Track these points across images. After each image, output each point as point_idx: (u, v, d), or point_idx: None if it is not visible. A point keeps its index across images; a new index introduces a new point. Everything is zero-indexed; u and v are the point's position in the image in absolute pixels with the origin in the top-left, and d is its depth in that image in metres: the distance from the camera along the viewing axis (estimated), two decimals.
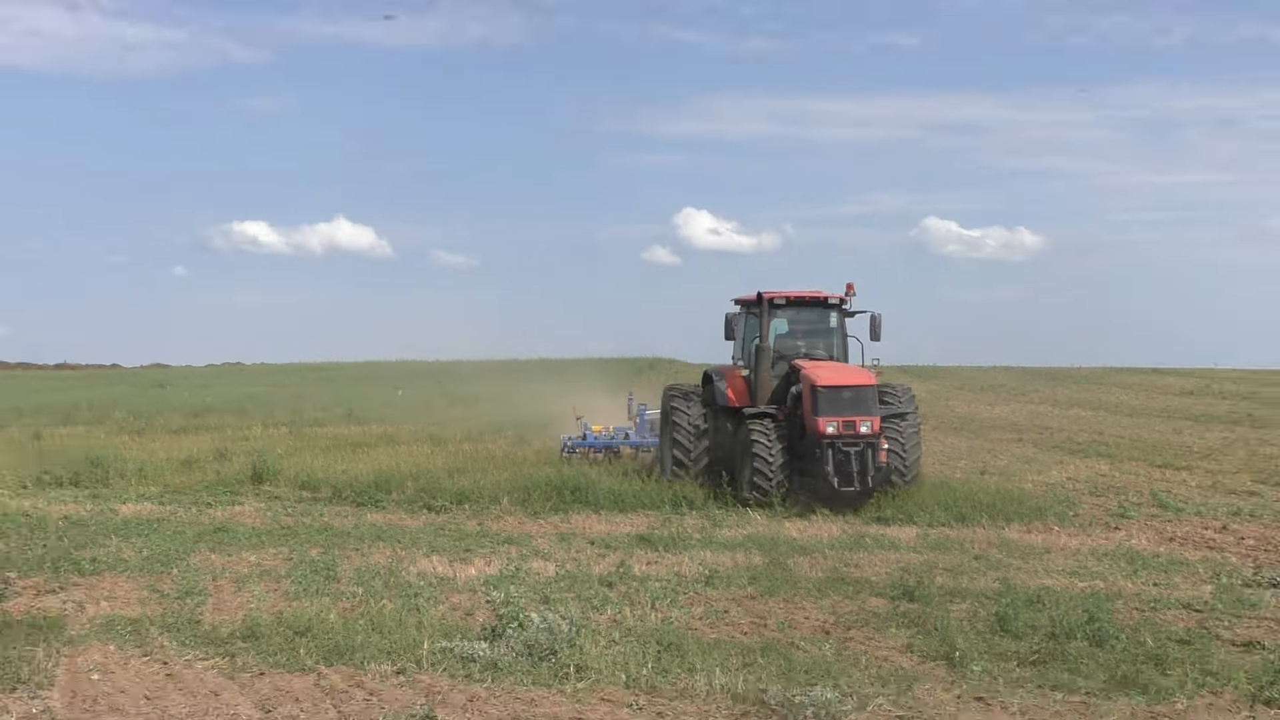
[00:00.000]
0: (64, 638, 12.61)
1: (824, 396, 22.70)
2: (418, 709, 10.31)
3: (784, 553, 17.81)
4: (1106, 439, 35.12)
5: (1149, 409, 48.64)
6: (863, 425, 22.54)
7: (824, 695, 10.49)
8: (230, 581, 15.69)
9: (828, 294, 25.25)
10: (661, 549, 18.33)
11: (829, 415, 22.53)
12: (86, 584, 15.41)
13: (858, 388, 22.98)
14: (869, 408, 22.79)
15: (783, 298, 24.96)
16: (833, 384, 22.92)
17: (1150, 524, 20.91)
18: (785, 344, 25.20)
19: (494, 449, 30.29)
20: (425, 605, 14.18)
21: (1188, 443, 34.74)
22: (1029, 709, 10.52)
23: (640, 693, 10.90)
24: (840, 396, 22.71)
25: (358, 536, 19.39)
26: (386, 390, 59.48)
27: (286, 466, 26.84)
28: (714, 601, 14.82)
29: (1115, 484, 25.43)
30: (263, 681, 11.29)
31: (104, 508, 22.29)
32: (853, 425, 22.50)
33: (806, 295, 25.29)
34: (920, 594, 14.96)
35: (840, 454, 22.33)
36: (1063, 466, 28.79)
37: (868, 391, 22.98)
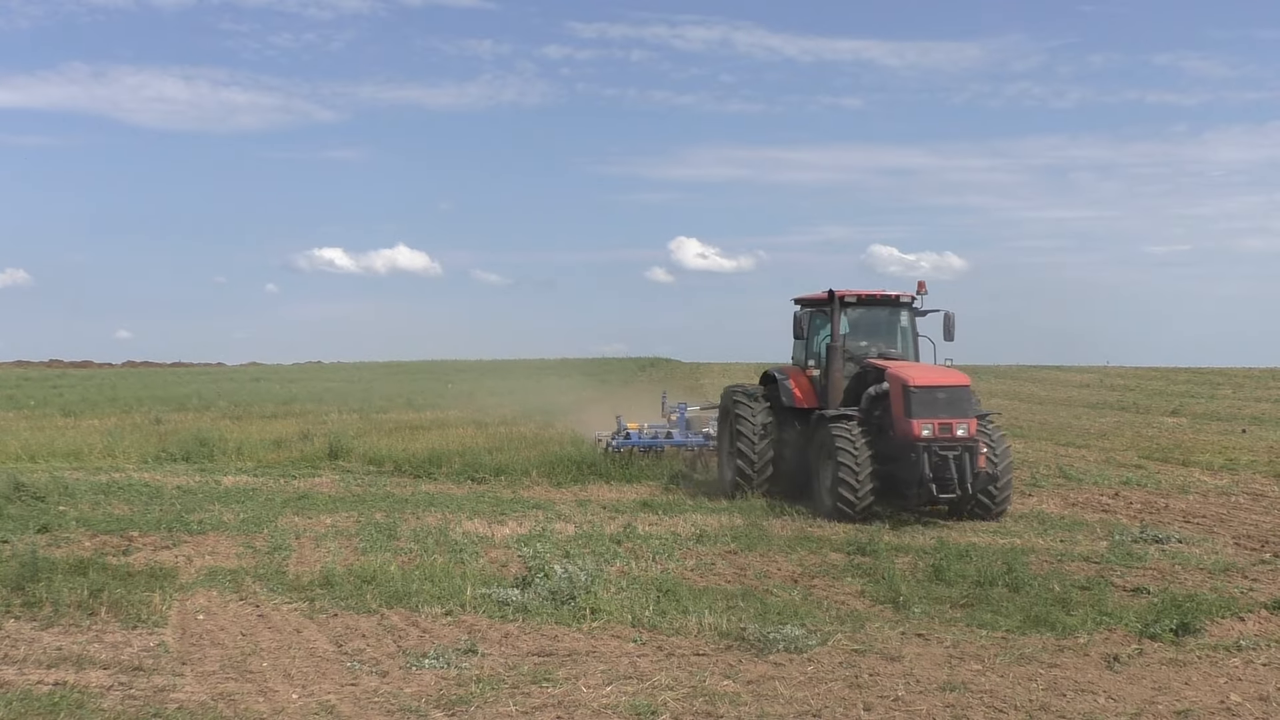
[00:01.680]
0: (176, 585, 12.61)
1: (917, 398, 17.98)
2: (462, 643, 10.31)
3: (760, 516, 17.81)
4: (1020, 423, 35.07)
5: (1054, 399, 48.64)
6: (959, 428, 17.94)
7: (792, 632, 10.49)
8: (310, 540, 15.69)
9: (899, 292, 20.71)
10: (661, 513, 18.33)
11: (923, 418, 17.82)
12: (194, 541, 15.41)
13: (953, 388, 18.39)
14: (965, 409, 18.20)
15: (854, 296, 20.33)
16: (927, 384, 18.27)
17: (1056, 492, 20.90)
18: (851, 344, 20.35)
19: (525, 431, 30.24)
20: (468, 559, 14.19)
21: (1085, 426, 34.83)
22: (960, 643, 10.51)
23: (643, 630, 10.89)
24: (935, 398, 18.08)
25: (414, 503, 19.37)
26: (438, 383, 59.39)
27: (357, 446, 26.81)
28: (703, 556, 14.81)
29: (1028, 459, 25.34)
30: (336, 621, 11.30)
31: (209, 479, 22.29)
32: (949, 428, 17.89)
33: (878, 294, 20.67)
34: (871, 549, 14.97)
35: (936, 458, 17.70)
36: None
37: (963, 392, 18.46)
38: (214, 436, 28.24)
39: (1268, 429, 32.85)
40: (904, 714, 8.47)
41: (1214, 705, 8.73)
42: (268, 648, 10.30)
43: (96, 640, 10.43)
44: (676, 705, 8.64)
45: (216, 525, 16.72)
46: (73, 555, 14.01)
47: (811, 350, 20.95)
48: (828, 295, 20.11)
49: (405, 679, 9.33)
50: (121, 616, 11.22)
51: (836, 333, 19.92)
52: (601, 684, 9.17)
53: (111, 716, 8.07)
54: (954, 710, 8.52)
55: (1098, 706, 8.67)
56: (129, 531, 15.90)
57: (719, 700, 8.73)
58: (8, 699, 8.48)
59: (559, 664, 9.73)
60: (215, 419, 35.20)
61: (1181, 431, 32.50)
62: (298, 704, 8.68)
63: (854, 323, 20.66)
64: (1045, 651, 10.20)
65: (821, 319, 20.75)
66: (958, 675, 9.45)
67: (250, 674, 9.50)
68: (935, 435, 17.76)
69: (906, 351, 20.53)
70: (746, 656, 10.00)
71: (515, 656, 9.99)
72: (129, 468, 24.27)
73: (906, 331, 20.89)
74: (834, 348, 19.69)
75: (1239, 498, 19.89)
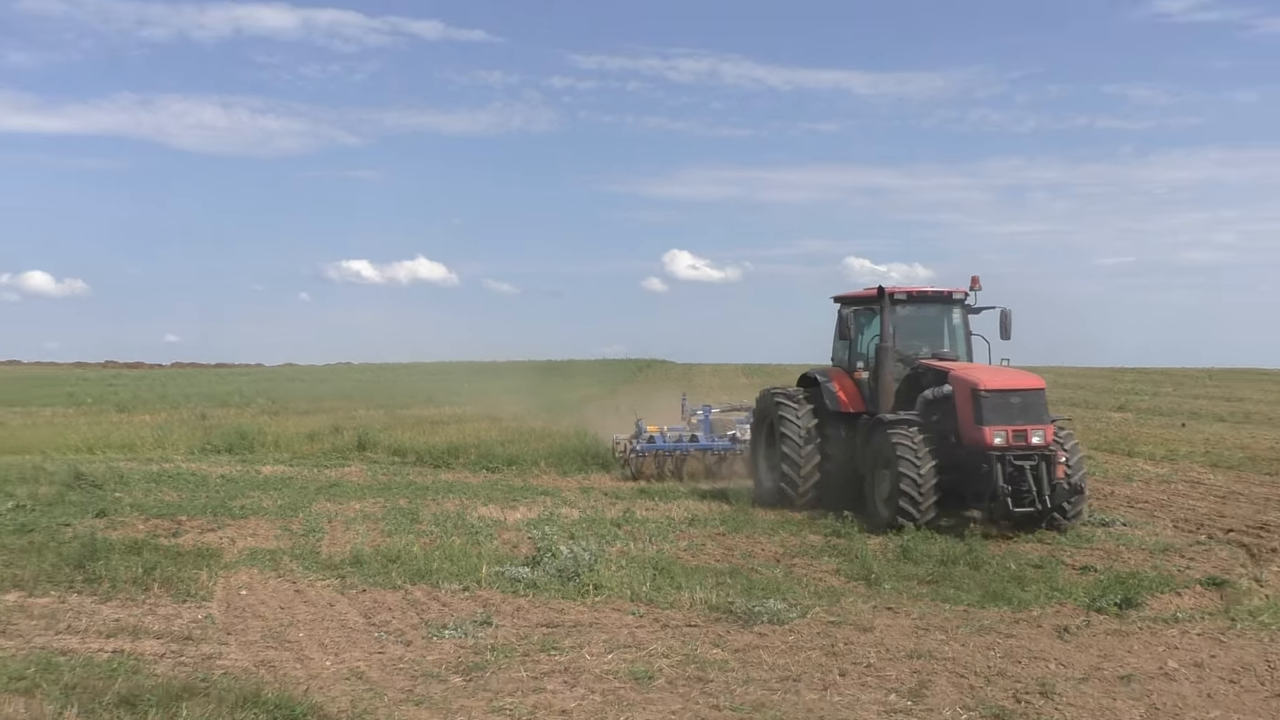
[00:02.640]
0: (220, 564, 12.62)
1: (989, 402, 15.15)
2: (478, 615, 10.33)
3: (745, 503, 17.79)
4: None
5: None
6: (1035, 435, 15.11)
7: (775, 605, 10.51)
8: (341, 523, 15.70)
9: (951, 288, 17.66)
10: (657, 499, 18.34)
11: (996, 424, 15.02)
12: (236, 525, 15.42)
13: (1027, 392, 15.52)
14: (1040, 414, 15.39)
15: (903, 293, 17.27)
16: (999, 388, 15.38)
17: None
18: (900, 343, 17.20)
19: (534, 425, 30.22)
20: (483, 540, 14.20)
21: None
22: (925, 615, 10.53)
23: (641, 604, 10.90)
24: (1008, 402, 15.26)
25: (434, 490, 19.37)
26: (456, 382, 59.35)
27: (382, 439, 26.80)
28: (694, 538, 14.84)
29: None
30: (365, 596, 11.31)
31: (249, 469, 22.29)
32: (1024, 435, 15.05)
33: (929, 290, 17.66)
34: (845, 531, 15.01)
35: (1011, 469, 14.90)
36: None
37: (1037, 396, 15.58)
38: (253, 430, 28.24)
39: (1204, 423, 32.83)
40: (875, 679, 8.49)
41: (1153, 670, 8.76)
42: (303, 620, 10.32)
43: (150, 613, 10.46)
44: (671, 671, 8.66)
45: (256, 510, 16.73)
46: (128, 537, 14.02)
47: (857, 351, 17.98)
48: (877, 292, 17.16)
49: (427, 648, 9.36)
50: (172, 592, 11.24)
51: (887, 332, 16.89)
52: (603, 652, 9.20)
53: (164, 681, 8.09)
54: (920, 676, 8.54)
55: (1049, 672, 8.70)
56: (178, 516, 15.92)
57: (709, 666, 8.76)
58: (72, 665, 8.50)
59: (565, 634, 9.76)
60: (254, 414, 35.19)
61: (1127, 425, 32.45)
62: (331, 670, 8.71)
63: (903, 321, 17.51)
64: (1002, 623, 10.23)
65: (867, 317, 17.90)
66: (924, 644, 9.47)
67: (288, 643, 9.53)
68: (1009, 443, 15.04)
69: (959, 351, 17.62)
70: (734, 627, 10.03)
71: (526, 627, 10.01)
72: (177, 458, 24.28)
73: (959, 330, 17.88)
74: (885, 348, 16.78)
75: (1178, 485, 19.88)
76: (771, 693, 8.12)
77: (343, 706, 7.66)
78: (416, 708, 7.75)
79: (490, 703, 7.86)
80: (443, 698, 7.99)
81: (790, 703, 7.89)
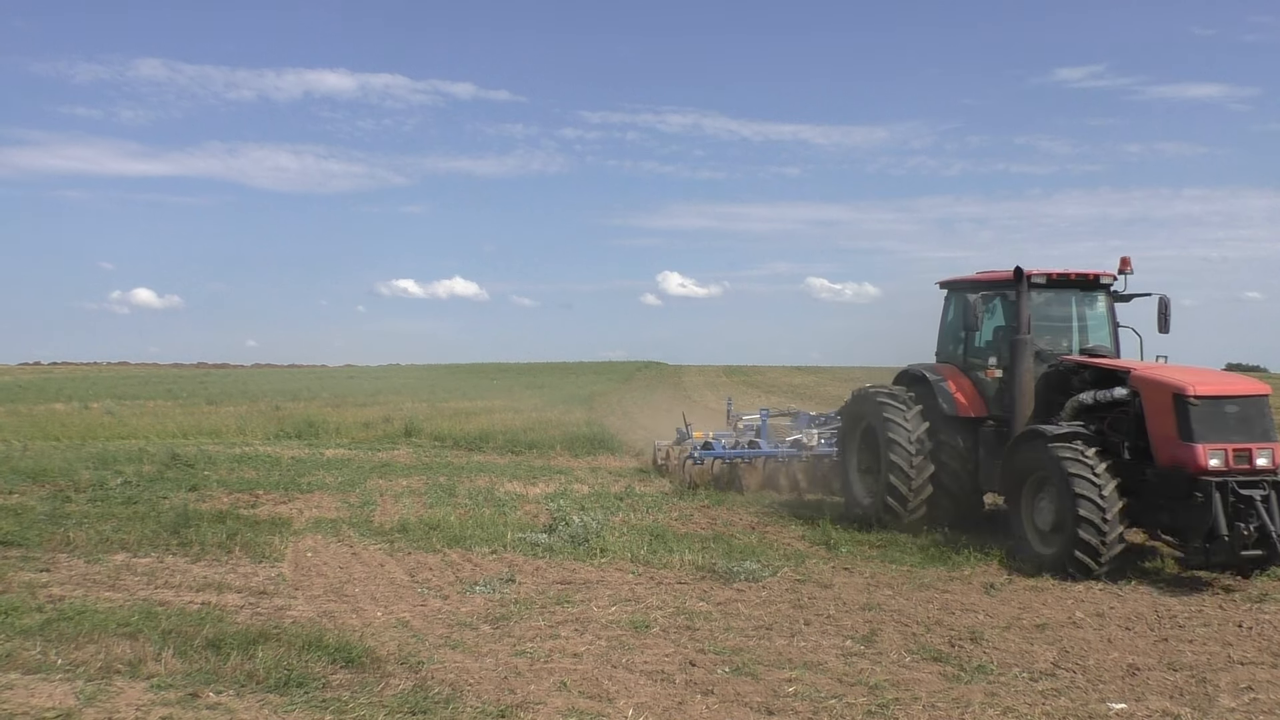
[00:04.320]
0: (290, 531, 12.59)
1: (1201, 412, 10.03)
2: (504, 574, 10.29)
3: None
4: None
5: None
6: (1261, 455, 9.95)
7: (751, 566, 10.49)
8: (390, 497, 15.65)
9: (1098, 271, 12.48)
10: (653, 477, 18.27)
11: (1211, 441, 9.90)
12: (304, 498, 15.38)
13: (1249, 400, 10.28)
14: (1269, 430, 10.13)
15: (1043, 275, 12.10)
16: (1214, 393, 10.19)
17: None
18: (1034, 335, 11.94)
19: (551, 415, 30.20)
20: (509, 511, 14.15)
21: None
22: (875, 574, 10.50)
23: (639, 564, 10.86)
24: (1223, 412, 10.08)
25: (468, 469, 19.31)
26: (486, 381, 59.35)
27: (426, 426, 26.77)
28: (684, 510, 14.78)
29: None
30: (410, 557, 11.27)
31: (315, 452, 22.24)
32: (1248, 456, 9.92)
33: (1072, 274, 12.35)
34: (809, 504, 14.96)
35: (1237, 499, 9.67)
36: None
37: (1262, 405, 10.32)
38: (319, 419, 28.23)
39: None
40: (834, 627, 8.46)
41: (1064, 620, 8.74)
42: (359, 578, 10.29)
43: (232, 571, 10.42)
44: (664, 620, 8.63)
45: (320, 486, 16.67)
46: (214, 508, 13.99)
47: (978, 345, 12.93)
48: (1014, 274, 11.98)
49: (461, 601, 9.32)
50: (250, 554, 11.20)
51: (1024, 322, 11.79)
52: (608, 604, 9.16)
53: (244, 628, 8.06)
54: (871, 625, 8.52)
55: (978, 621, 8.67)
56: (256, 490, 15.87)
57: (695, 617, 8.73)
58: (168, 614, 8.47)
59: (576, 590, 9.72)
60: (320, 407, 35.11)
61: None
62: (381, 620, 8.67)
63: (1043, 308, 12.51)
64: (940, 581, 10.20)
65: (995, 305, 12.82)
66: (874, 598, 9.45)
67: (346, 597, 9.49)
68: (1229, 466, 9.88)
69: (1108, 345, 12.43)
70: (716, 584, 9.99)
71: (544, 584, 9.97)
72: (256, 443, 24.24)
73: (1104, 319, 12.66)
74: (1022, 341, 11.67)
75: None
76: (748, 639, 8.09)
77: (391, 650, 7.63)
78: (452, 651, 7.72)
79: (514, 647, 7.83)
80: (474, 642, 7.96)
81: (764, 647, 7.86)
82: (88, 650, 7.40)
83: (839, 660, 7.55)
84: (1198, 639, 8.22)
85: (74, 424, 27.35)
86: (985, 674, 7.23)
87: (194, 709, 6.39)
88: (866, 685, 6.94)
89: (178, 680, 6.84)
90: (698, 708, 6.52)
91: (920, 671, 7.31)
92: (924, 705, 6.56)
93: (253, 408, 34.33)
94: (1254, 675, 7.24)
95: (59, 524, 12.42)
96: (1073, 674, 7.27)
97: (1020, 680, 7.11)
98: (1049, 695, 6.80)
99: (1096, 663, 7.52)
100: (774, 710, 6.47)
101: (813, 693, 6.76)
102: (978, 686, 6.96)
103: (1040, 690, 6.90)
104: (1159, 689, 6.95)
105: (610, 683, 6.96)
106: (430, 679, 6.95)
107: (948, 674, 7.25)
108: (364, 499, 15.34)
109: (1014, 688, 6.95)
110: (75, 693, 6.59)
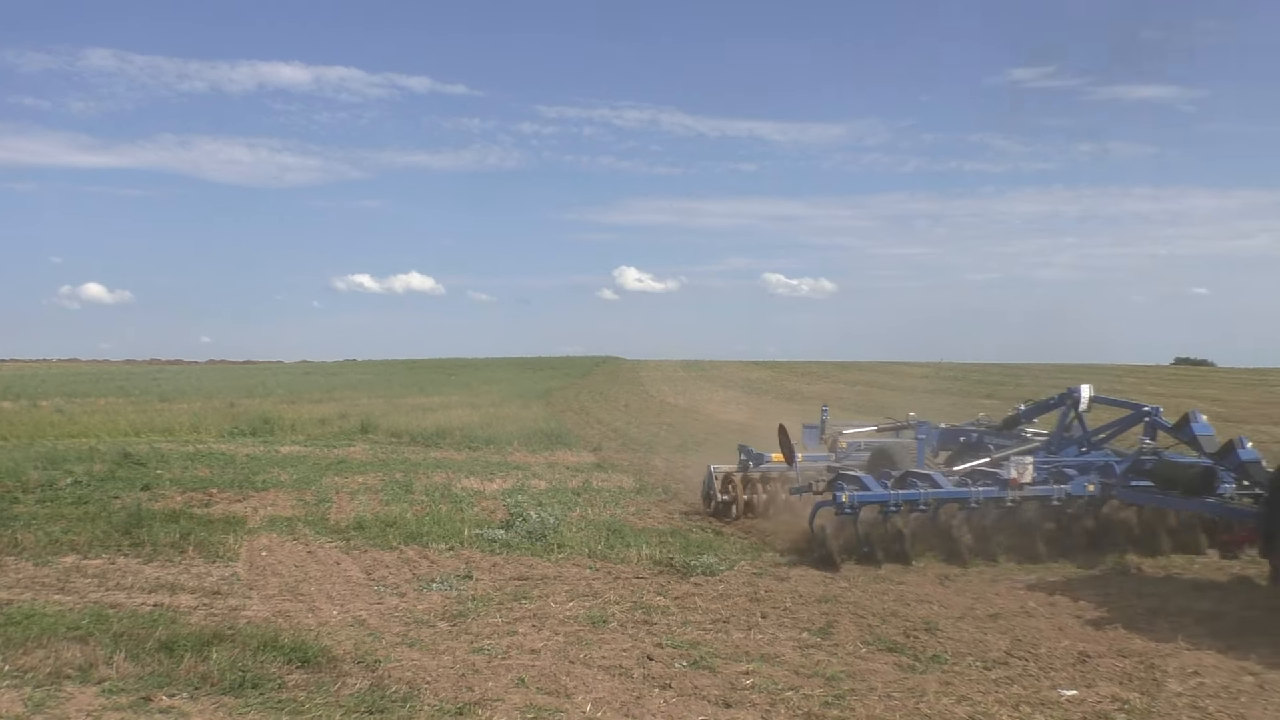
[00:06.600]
0: (245, 529, 12.41)
1: None
2: (461, 571, 10.23)
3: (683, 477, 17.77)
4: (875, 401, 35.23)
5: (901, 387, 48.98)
6: None
7: (708, 560, 10.50)
8: (346, 494, 15.49)
9: None
10: (610, 471, 18.29)
11: None
12: (259, 496, 15.17)
13: None
14: None
15: None
16: None
17: None
18: None
19: (508, 411, 30.08)
20: (466, 508, 14.06)
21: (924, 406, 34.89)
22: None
23: (597, 560, 10.84)
24: None
25: (425, 466, 19.17)
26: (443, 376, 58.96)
27: (382, 423, 26.58)
28: (641, 504, 14.78)
29: None
30: (366, 555, 11.16)
31: (270, 449, 21.97)
32: None
33: None
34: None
35: None
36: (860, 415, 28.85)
37: None
38: (274, 416, 27.91)
39: None
40: (791, 620, 8.49)
41: (1016, 609, 8.83)
42: (314, 576, 10.16)
43: (185, 572, 10.25)
44: (621, 615, 8.61)
45: (276, 484, 16.46)
46: (167, 507, 13.76)
47: None
48: None
49: (418, 598, 9.24)
50: (204, 554, 11.02)
51: None
52: (566, 600, 9.13)
53: (198, 629, 7.93)
54: (828, 617, 8.55)
55: (932, 611, 8.74)
56: (210, 489, 15.63)
57: (653, 611, 8.72)
58: (120, 616, 8.31)
59: (534, 585, 9.67)
60: (275, 403, 34.72)
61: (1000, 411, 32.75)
62: (337, 618, 8.57)
63: None
64: (895, 573, 10.26)
65: None
66: (831, 591, 9.49)
67: (302, 596, 9.37)
68: None
69: None
70: (674, 579, 9.99)
71: (501, 580, 9.91)
72: (210, 440, 23.90)
73: None
74: None
75: None
76: (705, 632, 8.09)
77: (347, 648, 7.54)
78: (409, 648, 7.64)
79: (471, 644, 7.77)
80: (431, 640, 7.89)
81: (721, 640, 7.87)
82: (36, 655, 7.22)
83: (796, 652, 7.57)
84: (1145, 626, 8.35)
85: (22, 423, 26.79)
86: (940, 663, 7.29)
87: (147, 713, 6.27)
88: (823, 676, 6.97)
89: (130, 684, 6.71)
90: (655, 702, 6.51)
91: (876, 662, 7.35)
92: (879, 695, 6.60)
93: (207, 404, 33.83)
94: (1200, 660, 7.36)
95: (6, 526, 12.14)
96: (1025, 662, 7.35)
97: (974, 669, 7.18)
98: (1002, 683, 6.87)
99: (1048, 650, 7.61)
100: (731, 703, 6.47)
101: (770, 685, 6.78)
102: (932, 676, 7.01)
103: (993, 678, 6.97)
104: (1109, 675, 7.05)
105: (568, 678, 6.93)
106: (387, 677, 6.88)
107: (903, 664, 7.30)
108: (320, 496, 15.15)
109: (968, 676, 7.01)
110: (23, 699, 6.43)
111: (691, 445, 23.28)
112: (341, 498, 15.14)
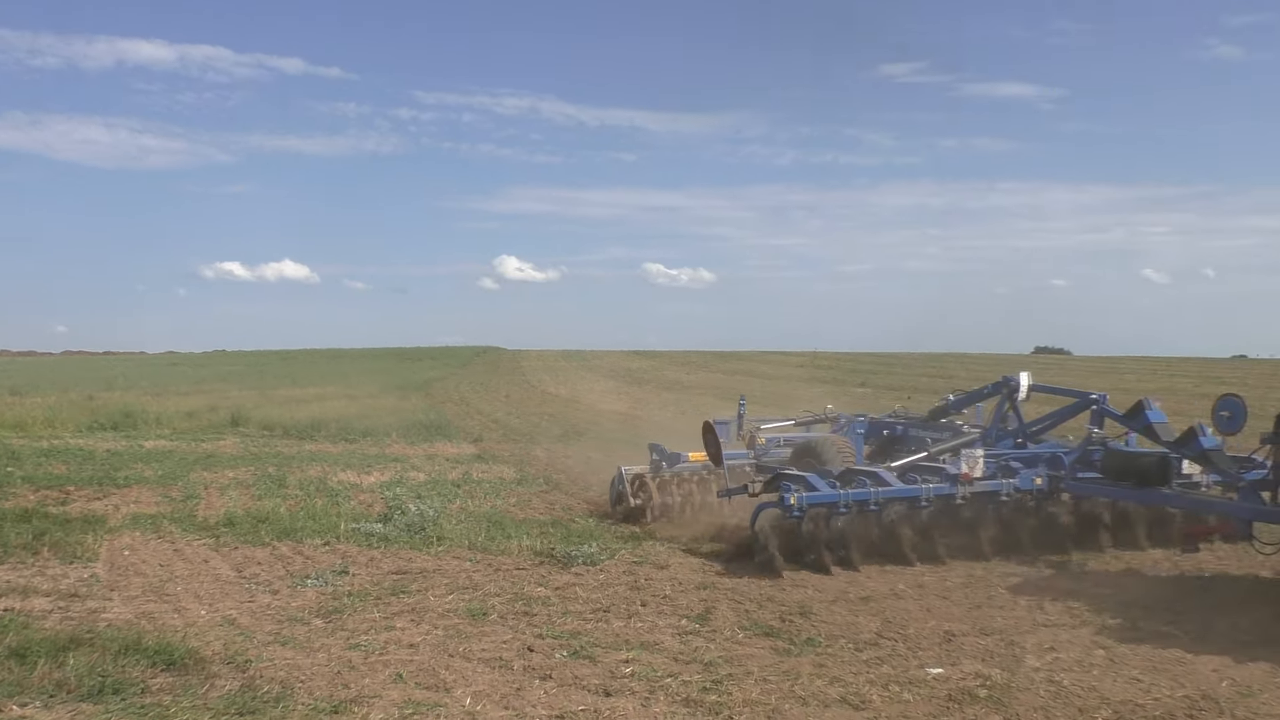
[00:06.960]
0: (105, 528, 11.87)
1: None
2: (337, 566, 10.02)
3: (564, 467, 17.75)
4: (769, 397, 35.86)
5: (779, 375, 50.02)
6: None
7: (589, 549, 10.53)
8: (216, 489, 14.97)
9: None
10: (490, 462, 18.16)
11: None
12: (121, 493, 14.54)
13: None
14: None
15: None
16: None
17: None
18: None
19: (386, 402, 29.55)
20: (342, 501, 13.77)
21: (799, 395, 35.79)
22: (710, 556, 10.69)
23: (477, 552, 10.75)
24: None
25: (299, 459, 18.68)
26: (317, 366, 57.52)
27: (254, 415, 25.80)
28: (522, 495, 14.73)
29: None
30: (237, 552, 10.81)
31: (134, 444, 21.06)
32: None
33: None
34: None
35: None
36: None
37: None
38: (138, 409, 26.77)
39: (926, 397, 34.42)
40: (670, 607, 8.58)
41: (886, 592, 9.12)
42: (181, 575, 9.79)
43: (39, 574, 9.74)
44: (502, 607, 8.56)
45: (139, 480, 15.79)
46: (19, 506, 13.06)
47: None
48: None
49: (292, 595, 9.00)
50: (60, 554, 10.49)
51: None
52: (445, 593, 9.03)
53: (52, 634, 7.54)
54: (706, 604, 8.67)
55: (808, 597, 8.95)
56: (66, 486, 14.91)
57: (534, 602, 8.69)
58: None
59: (413, 579, 9.54)
60: (139, 396, 33.29)
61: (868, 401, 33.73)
62: (206, 618, 8.28)
63: None
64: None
65: None
66: (708, 578, 9.62)
67: (167, 596, 9.02)
68: None
69: None
70: (555, 569, 9.98)
71: (379, 575, 9.74)
72: (67, 435, 22.76)
73: None
74: None
75: None
76: (586, 622, 8.11)
77: (217, 649, 7.29)
78: (282, 647, 7.43)
79: (348, 640, 7.61)
80: (306, 638, 7.69)
81: (602, 629, 7.90)
82: None
83: (675, 639, 7.65)
84: (1007, 605, 8.73)
85: None
86: (814, 646, 7.47)
87: None
88: (701, 662, 7.06)
89: None
90: (536, 693, 6.50)
91: (753, 647, 7.49)
92: (756, 679, 6.73)
93: (63, 398, 32.16)
94: (1056, 636, 7.74)
95: None
96: (894, 642, 7.60)
97: (846, 650, 7.38)
98: (873, 664, 7.08)
99: (916, 631, 7.88)
100: (612, 691, 6.50)
101: (649, 672, 6.83)
102: (807, 659, 7.19)
103: (865, 659, 7.18)
104: (972, 653, 7.34)
105: (447, 672, 6.85)
106: (259, 678, 6.68)
107: (779, 648, 7.45)
108: (187, 492, 14.61)
109: (840, 658, 7.21)
110: None
111: (573, 435, 23.31)
112: (210, 493, 14.63)
